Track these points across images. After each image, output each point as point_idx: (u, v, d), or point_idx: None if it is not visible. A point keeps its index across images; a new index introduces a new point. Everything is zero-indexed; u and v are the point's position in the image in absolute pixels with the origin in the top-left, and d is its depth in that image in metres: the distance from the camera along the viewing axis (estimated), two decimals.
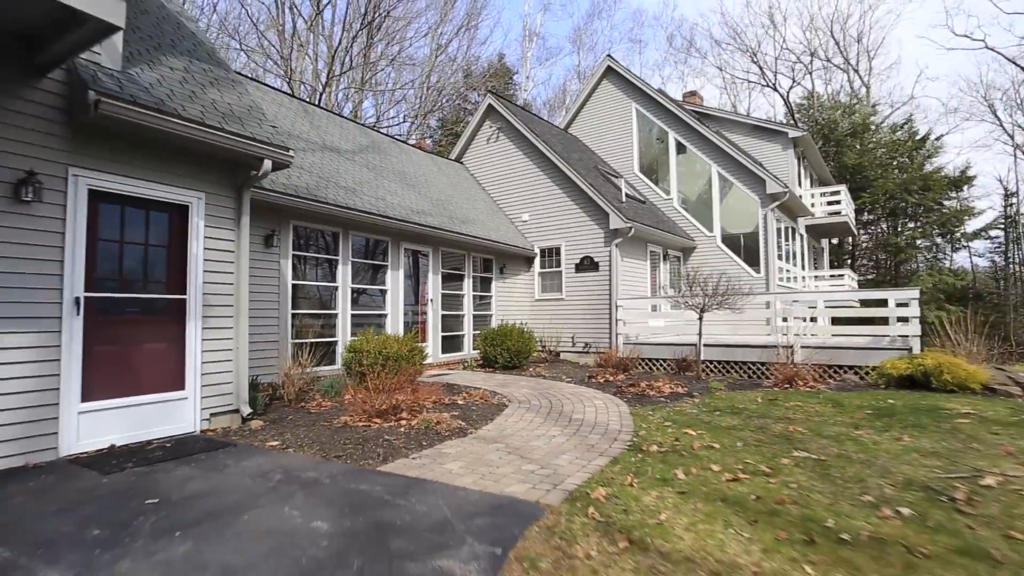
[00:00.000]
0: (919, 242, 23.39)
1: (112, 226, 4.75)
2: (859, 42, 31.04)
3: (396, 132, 28.97)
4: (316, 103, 22.68)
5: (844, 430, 4.86)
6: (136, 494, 3.31)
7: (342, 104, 26.01)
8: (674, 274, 15.15)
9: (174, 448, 4.47)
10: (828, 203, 19.11)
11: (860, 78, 31.76)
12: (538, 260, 13.74)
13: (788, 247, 16.45)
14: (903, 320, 8.85)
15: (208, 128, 4.89)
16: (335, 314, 8.60)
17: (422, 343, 10.47)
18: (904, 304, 8.79)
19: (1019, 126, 26.63)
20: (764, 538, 2.67)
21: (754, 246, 14.66)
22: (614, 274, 12.26)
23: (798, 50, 38.66)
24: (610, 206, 12.24)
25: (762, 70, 32.87)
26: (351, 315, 8.87)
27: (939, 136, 25.64)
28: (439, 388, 7.31)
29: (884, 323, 9.55)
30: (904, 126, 25.44)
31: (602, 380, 8.80)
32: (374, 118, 29.19)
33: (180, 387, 5.05)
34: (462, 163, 15.97)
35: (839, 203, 18.80)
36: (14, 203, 3.99)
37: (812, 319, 13.54)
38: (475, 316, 12.16)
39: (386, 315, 9.65)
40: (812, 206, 19.04)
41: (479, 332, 11.31)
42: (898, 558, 2.44)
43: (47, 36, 3.82)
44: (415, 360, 7.73)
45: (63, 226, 4.30)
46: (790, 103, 31.79)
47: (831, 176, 23.02)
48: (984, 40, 30.34)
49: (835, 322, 15.12)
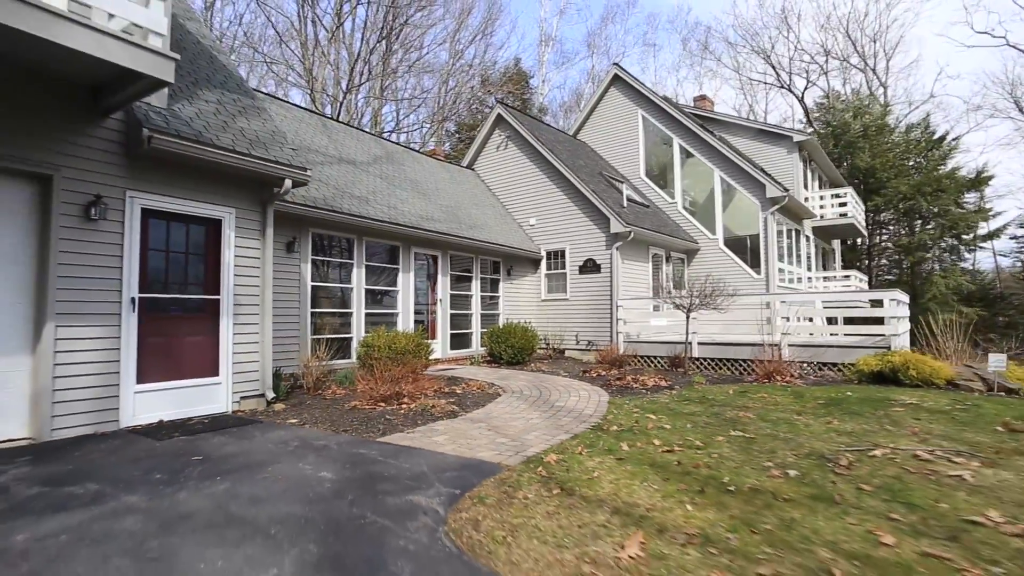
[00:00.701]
0: (932, 243, 23.36)
1: (159, 238, 5.68)
2: (875, 42, 31.00)
3: (415, 136, 30.03)
4: (336, 114, 23.85)
5: (787, 416, 5.51)
6: (184, 454, 4.19)
7: (362, 110, 27.15)
8: (677, 275, 15.73)
9: (211, 423, 5.37)
10: (835, 205, 19.39)
11: (877, 78, 31.70)
12: (544, 262, 14.48)
13: (792, 249, 16.86)
14: (878, 320, 9.36)
15: (238, 154, 5.78)
16: (350, 312, 9.50)
17: (432, 340, 11.33)
18: (879, 304, 9.30)
19: None
20: (667, 489, 3.40)
21: (756, 248, 15.15)
22: (615, 276, 12.93)
23: (813, 50, 38.59)
24: (611, 211, 12.91)
25: (776, 72, 33.00)
26: (365, 314, 9.75)
27: (956, 136, 25.55)
28: (441, 379, 8.13)
29: (879, 323, 10.05)
30: (920, 126, 25.38)
31: (595, 374, 9.50)
32: (393, 123, 30.29)
33: (215, 374, 5.96)
34: (473, 170, 16.79)
35: (845, 205, 19.07)
36: (85, 221, 4.92)
37: (809, 319, 14.01)
38: (483, 315, 12.96)
39: (397, 314, 10.52)
40: (823, 207, 19.35)
41: (486, 330, 12.10)
42: (762, 501, 3.14)
43: (112, 88, 4.73)
44: (421, 354, 8.55)
45: (121, 239, 5.22)
46: (805, 104, 31.88)
47: (842, 178, 23.19)
48: (1005, 37, 30.01)
49: (831, 322, 15.51)
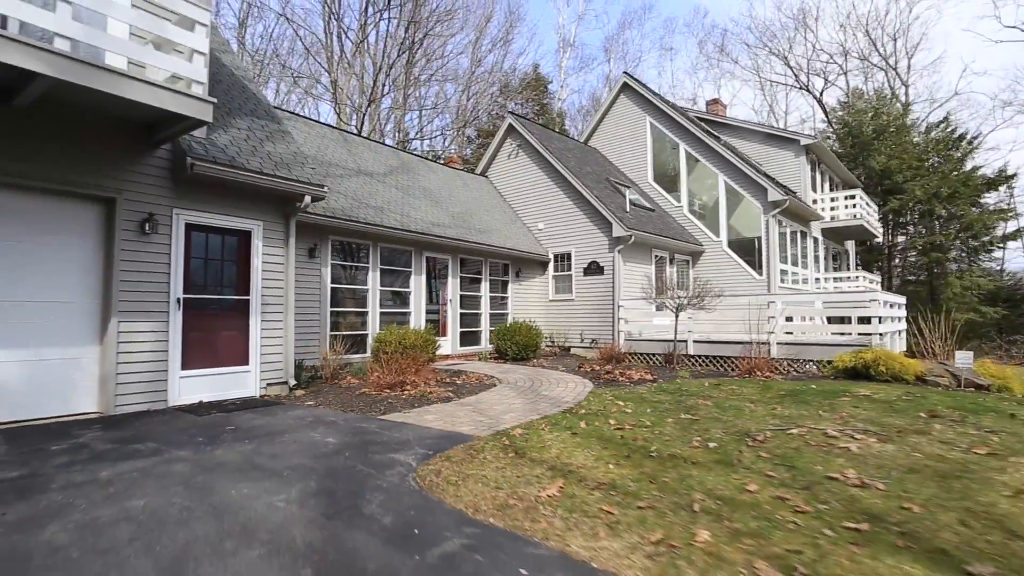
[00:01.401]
0: (949, 244, 23.26)
1: (199, 247, 6.69)
2: (895, 40, 30.75)
3: (437, 143, 31.13)
4: (360, 123, 25.04)
5: (740, 404, 6.19)
6: (220, 425, 5.14)
7: (386, 119, 28.36)
8: (682, 276, 16.31)
9: (241, 404, 6.34)
10: (846, 207, 19.60)
11: (899, 76, 31.41)
12: (552, 264, 15.26)
13: (797, 251, 17.24)
14: (865, 320, 9.86)
15: (265, 175, 6.76)
16: (366, 312, 10.46)
17: (442, 337, 12.23)
18: (865, 306, 9.81)
19: None
20: (602, 455, 4.18)
21: (759, 250, 15.63)
22: (617, 277, 13.63)
23: (832, 50, 38.26)
24: (613, 216, 13.61)
25: (795, 73, 32.99)
26: (380, 313, 10.71)
27: (977, 135, 25.29)
28: (446, 372, 9.01)
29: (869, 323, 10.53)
30: (939, 126, 25.22)
31: (589, 369, 10.25)
32: (416, 130, 31.45)
33: (245, 363, 6.95)
34: (487, 177, 17.67)
35: (855, 207, 19.28)
36: (140, 235, 5.94)
37: (810, 319, 14.43)
38: (492, 314, 13.81)
39: (410, 313, 11.45)
40: (834, 208, 19.57)
41: (495, 328, 12.94)
42: (673, 463, 3.90)
43: (162, 126, 5.73)
44: (428, 350, 9.44)
45: (169, 249, 6.23)
46: (824, 104, 31.82)
47: (856, 179, 23.29)
48: None
49: (831, 321, 15.85)
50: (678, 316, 10.34)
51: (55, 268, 5.49)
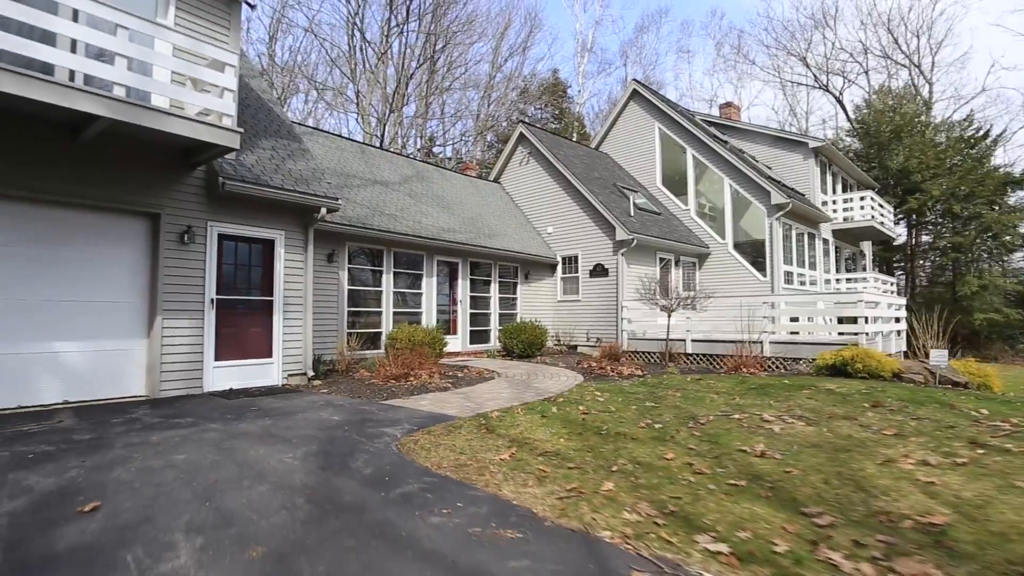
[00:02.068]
0: (969, 244, 23.04)
1: (230, 254, 7.66)
2: (918, 37, 30.38)
3: (460, 147, 32.12)
4: (382, 131, 26.15)
5: (706, 396, 6.83)
6: (245, 406, 6.07)
7: (409, 126, 29.47)
8: (688, 278, 16.83)
9: (265, 391, 7.28)
10: (857, 208, 19.72)
11: (923, 75, 31.02)
12: (560, 267, 15.98)
13: (805, 252, 17.54)
14: (851, 320, 10.31)
15: (285, 190, 7.69)
16: (380, 311, 11.38)
17: (452, 335, 13.09)
18: (851, 305, 10.27)
19: None
20: (559, 432, 4.92)
21: (764, 252, 16.03)
22: (621, 279, 14.27)
23: (852, 48, 37.83)
24: (616, 220, 14.25)
25: (814, 73, 32.86)
26: (393, 312, 11.62)
27: (1003, 131, 24.91)
28: (451, 366, 9.83)
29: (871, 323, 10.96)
30: (960, 124, 24.95)
31: (586, 365, 10.95)
32: (440, 133, 32.52)
33: (269, 356, 7.90)
34: (500, 183, 18.49)
35: (863, 209, 19.39)
36: (180, 244, 6.93)
37: (810, 319, 14.78)
38: (501, 314, 14.61)
39: (422, 312, 12.34)
40: (847, 210, 19.69)
41: (503, 327, 13.73)
42: (616, 439, 4.62)
43: (198, 151, 6.70)
44: (435, 346, 10.29)
45: (204, 256, 7.21)
46: (843, 104, 31.64)
47: (872, 180, 23.27)
48: None
49: (841, 321, 16.13)
50: (670, 317, 10.96)
51: (109, 272, 6.51)
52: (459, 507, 3.07)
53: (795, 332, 11.87)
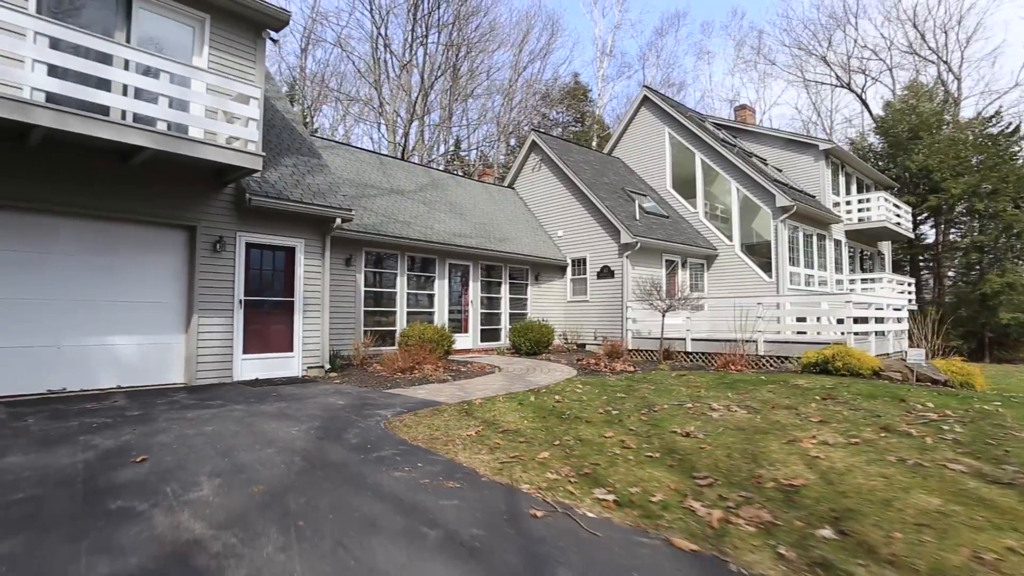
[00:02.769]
0: (992, 244, 22.69)
1: (256, 260, 8.69)
2: (946, 32, 29.81)
3: (485, 152, 33.07)
4: (405, 138, 27.25)
5: (678, 389, 7.48)
6: (267, 393, 7.05)
7: (432, 133, 30.56)
8: (696, 279, 17.31)
9: (286, 381, 8.28)
10: (872, 208, 19.75)
11: (951, 71, 30.43)
12: (570, 269, 16.69)
13: (814, 253, 17.78)
14: (840, 320, 10.73)
15: (304, 203, 8.68)
16: (394, 311, 12.34)
17: (463, 334, 13.97)
18: (839, 307, 10.70)
19: None
20: (527, 416, 5.70)
21: (771, 254, 16.39)
22: (626, 280, 14.90)
23: (875, 45, 37.14)
24: (621, 223, 14.89)
25: (836, 72, 32.52)
26: (407, 312, 12.56)
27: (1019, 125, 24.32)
28: (458, 362, 10.69)
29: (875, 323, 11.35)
30: (980, 121, 24.53)
31: (585, 362, 11.65)
32: (465, 138, 33.53)
33: (290, 350, 8.91)
34: (514, 188, 19.30)
35: (869, 209, 19.41)
36: (213, 253, 7.98)
37: (816, 319, 15.10)
38: (511, 314, 15.42)
39: (434, 312, 13.25)
40: (862, 211, 19.73)
41: (513, 326, 14.54)
42: (572, 422, 5.37)
43: (227, 172, 7.73)
44: (443, 343, 11.18)
45: (234, 262, 8.25)
46: (866, 102, 31.26)
47: (891, 180, 23.16)
48: None
49: (860, 321, 16.35)
50: (664, 317, 11.57)
51: (154, 277, 7.59)
52: (419, 467, 3.89)
53: (801, 332, 12.27)
